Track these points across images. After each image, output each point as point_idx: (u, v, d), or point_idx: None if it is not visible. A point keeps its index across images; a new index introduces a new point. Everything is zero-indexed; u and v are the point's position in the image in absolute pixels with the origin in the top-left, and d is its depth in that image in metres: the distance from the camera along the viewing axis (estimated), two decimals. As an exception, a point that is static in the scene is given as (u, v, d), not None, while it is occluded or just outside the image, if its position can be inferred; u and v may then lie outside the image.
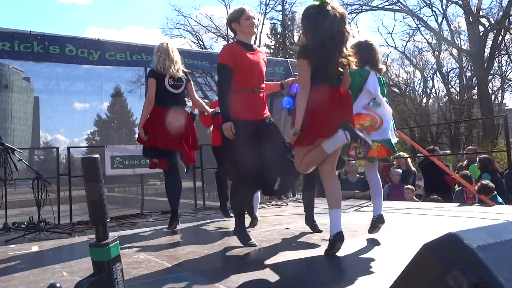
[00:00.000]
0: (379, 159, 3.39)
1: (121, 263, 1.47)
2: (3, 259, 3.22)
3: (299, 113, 2.71)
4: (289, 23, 24.65)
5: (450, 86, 24.80)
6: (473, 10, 20.61)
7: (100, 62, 5.91)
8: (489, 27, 20.72)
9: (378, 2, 22.69)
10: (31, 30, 5.46)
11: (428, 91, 26.28)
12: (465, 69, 24.00)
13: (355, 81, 3.04)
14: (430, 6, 22.58)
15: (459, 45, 22.97)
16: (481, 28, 20.93)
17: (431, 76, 25.94)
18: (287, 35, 24.50)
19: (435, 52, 24.16)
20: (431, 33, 23.20)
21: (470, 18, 20.57)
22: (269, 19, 24.78)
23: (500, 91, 24.53)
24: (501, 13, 20.20)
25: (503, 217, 4.05)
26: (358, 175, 6.99)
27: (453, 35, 23.11)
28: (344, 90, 2.82)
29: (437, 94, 26.83)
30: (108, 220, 1.48)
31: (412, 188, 6.74)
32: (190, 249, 3.25)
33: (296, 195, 7.77)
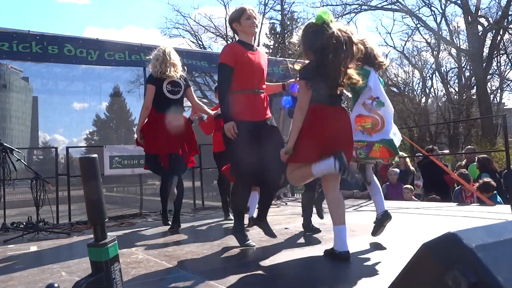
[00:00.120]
0: (382, 159, 3.36)
1: (119, 263, 1.47)
2: (1, 259, 3.22)
3: (294, 133, 2.69)
4: (288, 22, 24.61)
5: (449, 85, 24.82)
6: (472, 10, 20.62)
7: (99, 62, 5.90)
8: (488, 27, 20.73)
9: (377, 2, 22.68)
10: (29, 30, 5.44)
11: (427, 90, 26.30)
12: (464, 68, 24.01)
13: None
14: (429, 6, 22.59)
15: (458, 44, 22.97)
16: (480, 28, 20.95)
17: (430, 76, 25.96)
18: (286, 35, 24.45)
19: (434, 52, 24.17)
20: (430, 33, 23.21)
21: (469, 17, 20.58)
22: (268, 18, 24.75)
23: (499, 90, 24.51)
24: (500, 13, 20.22)
25: (502, 217, 4.06)
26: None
27: (452, 35, 23.12)
28: (343, 109, 2.77)
29: (436, 94, 26.85)
30: (107, 220, 1.47)
31: (411, 188, 6.75)
32: (189, 249, 3.26)
33: (295, 195, 7.78)
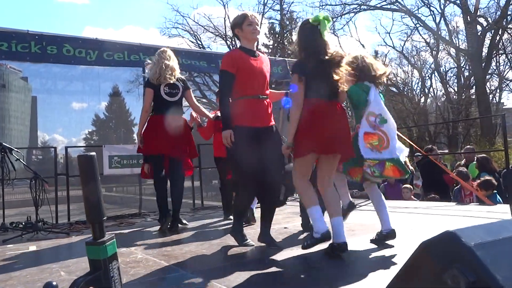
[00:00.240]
0: (394, 178, 3.36)
1: (118, 261, 1.47)
2: (1, 258, 3.21)
3: (292, 127, 2.74)
4: (287, 22, 24.60)
5: (448, 85, 24.80)
6: (471, 10, 20.62)
7: (98, 62, 5.89)
8: (487, 27, 20.73)
9: (376, 2, 22.64)
10: (28, 29, 5.43)
11: (426, 90, 26.27)
12: (463, 68, 24.01)
13: (363, 97, 3.01)
14: (428, 6, 22.56)
15: (457, 44, 22.97)
16: (479, 28, 20.93)
17: (429, 76, 25.92)
18: (285, 35, 24.44)
19: (433, 52, 24.14)
20: (429, 33, 23.18)
21: (468, 17, 20.58)
22: (267, 18, 24.74)
23: (498, 90, 24.53)
24: (498, 13, 20.21)
25: (500, 216, 4.06)
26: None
27: (451, 35, 23.11)
28: (342, 108, 2.86)
29: (435, 94, 26.84)
30: (105, 218, 1.47)
31: (410, 187, 6.75)
32: (188, 248, 3.25)
33: (294, 195, 7.76)
